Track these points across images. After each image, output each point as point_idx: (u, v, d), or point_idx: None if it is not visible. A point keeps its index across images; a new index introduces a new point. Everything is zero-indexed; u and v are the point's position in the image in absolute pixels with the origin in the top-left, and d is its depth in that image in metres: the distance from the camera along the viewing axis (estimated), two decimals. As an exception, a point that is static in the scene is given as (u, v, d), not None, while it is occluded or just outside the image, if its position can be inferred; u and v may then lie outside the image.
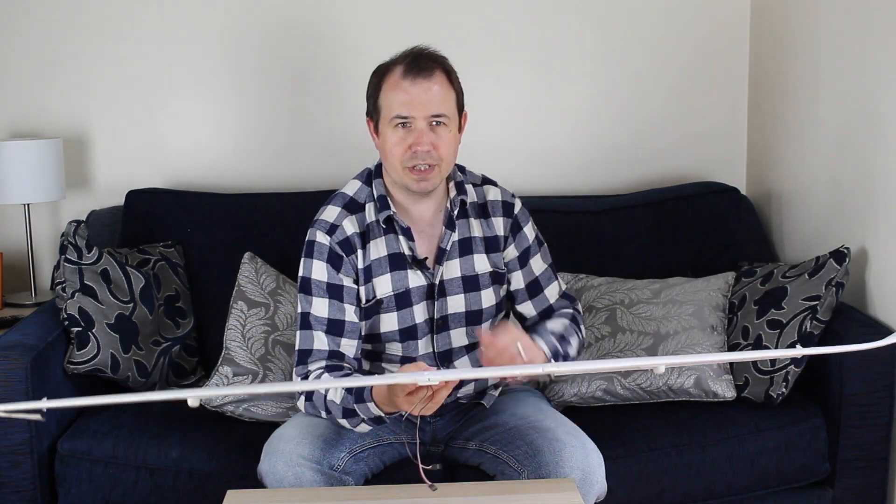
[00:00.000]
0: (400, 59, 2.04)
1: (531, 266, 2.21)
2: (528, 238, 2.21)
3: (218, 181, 3.07)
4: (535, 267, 2.21)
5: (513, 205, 2.20)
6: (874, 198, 2.48)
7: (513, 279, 2.21)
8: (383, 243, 2.10)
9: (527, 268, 2.21)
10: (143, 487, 2.29)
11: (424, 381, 1.57)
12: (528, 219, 2.23)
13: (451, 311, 2.13)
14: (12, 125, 3.05)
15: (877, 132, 2.46)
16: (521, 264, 2.20)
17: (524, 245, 2.20)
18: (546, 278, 2.22)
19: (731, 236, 2.84)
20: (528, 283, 2.21)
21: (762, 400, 2.41)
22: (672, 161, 3.17)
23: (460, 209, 2.15)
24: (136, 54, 3.04)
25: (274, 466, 1.93)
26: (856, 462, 2.38)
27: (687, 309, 2.56)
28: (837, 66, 2.64)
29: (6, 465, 2.27)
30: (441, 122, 2.02)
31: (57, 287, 2.51)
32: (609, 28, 3.12)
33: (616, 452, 2.25)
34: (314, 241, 2.08)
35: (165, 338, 2.62)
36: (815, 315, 2.39)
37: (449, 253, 2.13)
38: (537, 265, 2.22)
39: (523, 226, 2.20)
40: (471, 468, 2.12)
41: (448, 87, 2.04)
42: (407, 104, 2.00)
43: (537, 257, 2.22)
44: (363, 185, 2.15)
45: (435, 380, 1.56)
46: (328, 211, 2.11)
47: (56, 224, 3.08)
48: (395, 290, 2.10)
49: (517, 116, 3.14)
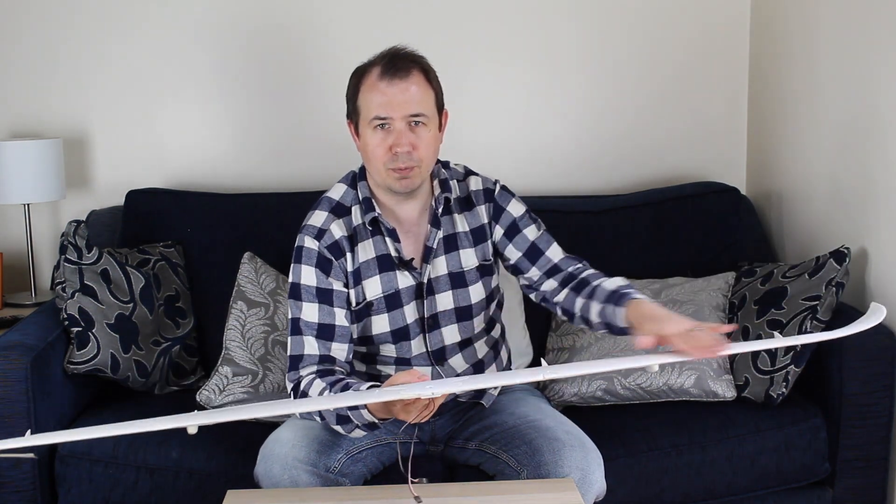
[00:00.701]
0: (377, 60, 2.03)
1: (525, 234, 2.15)
2: (512, 214, 2.16)
3: (218, 181, 3.07)
4: (530, 234, 2.16)
5: (493, 190, 2.18)
6: (874, 198, 2.48)
7: (507, 255, 2.17)
8: (371, 245, 2.10)
9: (519, 237, 2.15)
10: (143, 487, 2.29)
11: (428, 395, 1.58)
12: (509, 197, 2.18)
13: (440, 309, 2.13)
14: (12, 125, 3.05)
15: (877, 132, 2.46)
16: (510, 238, 2.16)
17: (509, 220, 2.16)
18: (545, 241, 2.16)
19: (731, 236, 2.84)
20: (525, 251, 2.15)
21: (762, 400, 2.41)
22: (672, 161, 3.17)
23: (445, 206, 2.14)
24: (136, 54, 3.04)
25: (270, 470, 1.93)
26: (856, 462, 2.38)
27: (687, 309, 2.56)
28: (837, 66, 2.64)
29: (6, 465, 2.26)
30: (420, 122, 2.00)
31: (57, 287, 2.51)
32: (608, 28, 3.12)
33: (616, 452, 2.25)
34: (303, 247, 2.07)
35: (165, 338, 2.62)
36: (815, 315, 2.39)
37: (435, 251, 2.12)
38: (531, 233, 2.16)
39: (505, 206, 2.17)
40: (470, 468, 2.12)
41: (426, 87, 2.03)
42: (385, 105, 1.99)
43: (530, 228, 2.17)
44: (348, 188, 2.14)
45: (438, 392, 1.56)
46: (315, 216, 2.11)
47: (56, 224, 3.08)
48: (384, 292, 2.09)
49: (517, 116, 3.14)
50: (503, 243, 2.17)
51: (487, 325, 2.21)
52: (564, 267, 2.14)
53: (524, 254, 2.15)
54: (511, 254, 2.16)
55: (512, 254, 2.16)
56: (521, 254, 2.16)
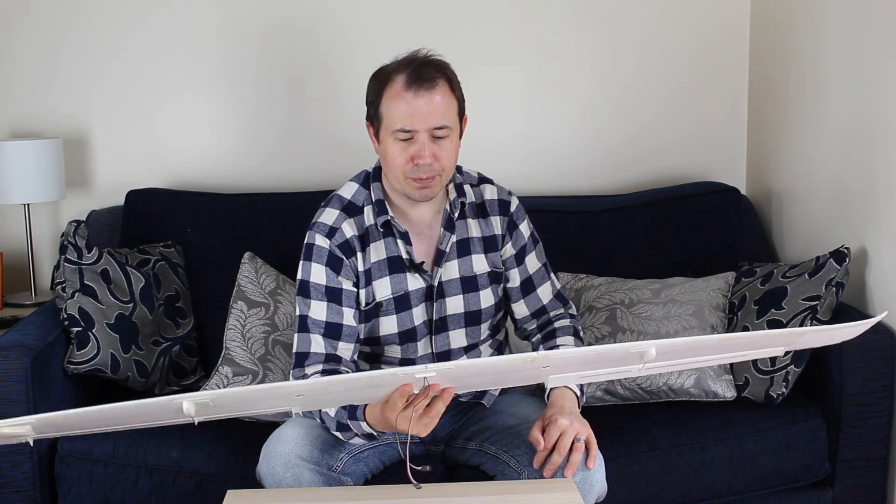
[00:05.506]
0: (402, 66, 2.00)
1: (526, 264, 2.21)
2: (524, 236, 2.21)
3: (218, 181, 3.07)
4: (530, 265, 2.21)
5: (509, 202, 2.20)
6: (874, 198, 2.48)
7: (510, 277, 2.21)
8: (382, 246, 2.10)
9: (523, 265, 2.20)
10: (143, 487, 2.29)
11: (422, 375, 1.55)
12: (523, 216, 2.22)
13: (449, 313, 2.13)
14: (12, 125, 3.05)
15: (876, 132, 2.46)
16: (517, 262, 2.20)
17: (521, 243, 2.20)
18: (539, 277, 2.22)
19: (731, 236, 2.84)
20: (522, 281, 2.21)
21: (762, 400, 2.41)
22: (672, 161, 3.17)
23: (460, 210, 2.15)
24: (136, 54, 3.04)
25: (272, 468, 1.93)
26: (856, 462, 2.38)
27: (687, 309, 2.56)
28: (837, 65, 2.64)
29: (6, 465, 2.27)
30: (443, 135, 2.00)
31: (57, 287, 2.51)
32: (609, 28, 3.12)
33: (616, 452, 2.25)
34: (313, 244, 2.07)
35: (165, 338, 2.62)
36: (816, 315, 2.39)
37: (447, 255, 2.12)
38: (532, 263, 2.21)
39: (519, 223, 2.20)
40: (471, 468, 2.12)
41: (450, 97, 2.01)
42: (410, 117, 1.97)
43: (532, 255, 2.22)
44: (360, 187, 2.14)
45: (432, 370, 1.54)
46: (326, 213, 2.10)
47: (56, 224, 3.08)
48: (394, 294, 2.09)
49: (517, 117, 3.14)
50: (510, 263, 2.20)
51: (493, 330, 2.22)
52: (549, 310, 2.22)
53: (521, 284, 2.21)
54: (512, 278, 2.21)
55: (513, 279, 2.21)
56: (519, 283, 2.20)
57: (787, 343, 1.66)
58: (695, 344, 1.70)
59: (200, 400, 1.49)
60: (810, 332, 1.90)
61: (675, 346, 1.63)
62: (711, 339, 1.82)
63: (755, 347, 1.66)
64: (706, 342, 1.72)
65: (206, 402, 1.49)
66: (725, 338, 1.63)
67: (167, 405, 1.51)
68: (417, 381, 1.59)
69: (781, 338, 1.64)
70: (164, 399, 1.51)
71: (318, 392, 1.64)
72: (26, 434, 1.52)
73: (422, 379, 1.57)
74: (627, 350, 1.54)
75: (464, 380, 1.69)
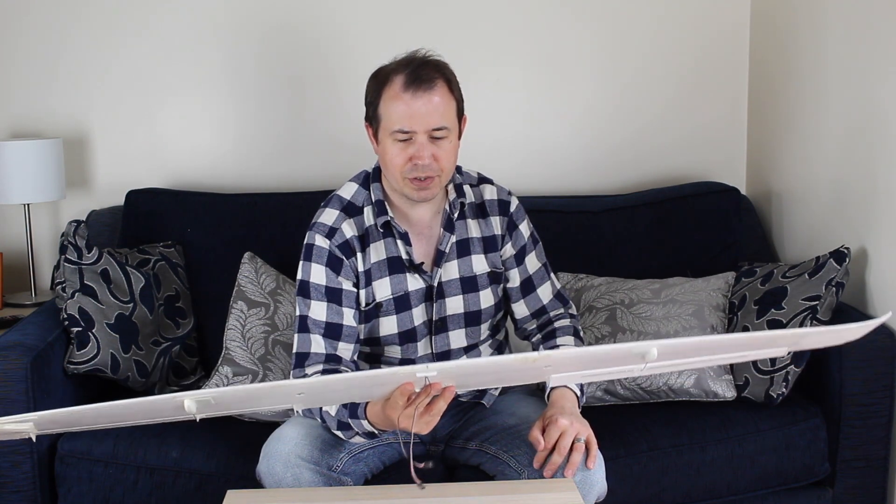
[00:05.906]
0: (400, 67, 2.00)
1: (526, 264, 2.21)
2: (523, 236, 2.21)
3: (218, 181, 3.07)
4: (530, 265, 2.21)
5: (508, 203, 2.20)
6: (874, 198, 2.48)
7: (510, 277, 2.21)
8: (382, 247, 2.10)
9: (523, 266, 2.20)
10: (143, 487, 2.29)
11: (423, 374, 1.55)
12: (523, 216, 2.22)
13: (449, 313, 2.13)
14: (12, 125, 3.05)
15: (876, 132, 2.46)
16: (517, 262, 2.20)
17: (520, 243, 2.20)
18: (539, 277, 2.22)
19: (731, 236, 2.84)
20: (522, 281, 2.21)
21: (762, 400, 2.41)
22: (672, 161, 3.17)
23: (459, 211, 2.15)
24: (136, 54, 3.04)
25: (272, 468, 1.93)
26: (856, 462, 2.38)
27: (687, 309, 2.56)
28: (837, 65, 2.64)
29: (6, 465, 2.27)
30: (442, 136, 2.00)
31: (57, 287, 2.51)
32: (609, 28, 3.12)
33: (616, 452, 2.25)
34: (313, 245, 2.07)
35: (165, 338, 2.62)
36: (816, 315, 2.39)
37: (447, 255, 2.12)
38: (532, 263, 2.21)
39: (519, 224, 2.20)
40: (471, 468, 2.12)
41: (449, 98, 2.01)
42: (408, 118, 1.97)
43: (532, 255, 2.22)
44: (360, 187, 2.14)
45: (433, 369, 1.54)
46: (326, 214, 2.10)
47: (56, 224, 3.08)
48: (394, 294, 2.09)
49: (517, 117, 3.14)
50: (510, 263, 2.20)
51: (493, 330, 2.22)
52: (549, 310, 2.22)
53: (520, 284, 2.21)
54: (512, 278, 2.21)
55: (513, 279, 2.21)
56: (519, 283, 2.20)
57: (790, 344, 1.66)
58: (698, 344, 1.70)
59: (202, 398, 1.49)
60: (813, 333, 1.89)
61: (677, 346, 1.62)
62: (714, 339, 1.82)
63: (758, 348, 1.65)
64: (709, 343, 1.72)
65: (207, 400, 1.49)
66: (728, 338, 1.63)
67: (169, 402, 1.51)
68: (418, 379, 1.59)
69: (784, 338, 1.64)
70: (166, 396, 1.51)
71: (318, 390, 1.64)
72: (29, 430, 1.52)
73: (423, 378, 1.58)
74: (629, 350, 1.54)
75: (464, 379, 1.69)
